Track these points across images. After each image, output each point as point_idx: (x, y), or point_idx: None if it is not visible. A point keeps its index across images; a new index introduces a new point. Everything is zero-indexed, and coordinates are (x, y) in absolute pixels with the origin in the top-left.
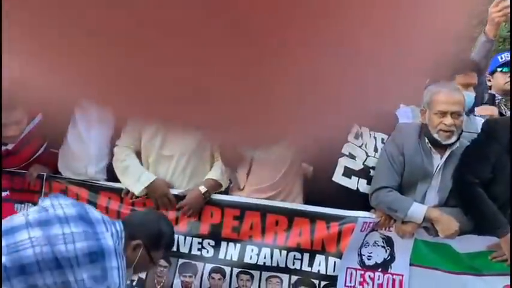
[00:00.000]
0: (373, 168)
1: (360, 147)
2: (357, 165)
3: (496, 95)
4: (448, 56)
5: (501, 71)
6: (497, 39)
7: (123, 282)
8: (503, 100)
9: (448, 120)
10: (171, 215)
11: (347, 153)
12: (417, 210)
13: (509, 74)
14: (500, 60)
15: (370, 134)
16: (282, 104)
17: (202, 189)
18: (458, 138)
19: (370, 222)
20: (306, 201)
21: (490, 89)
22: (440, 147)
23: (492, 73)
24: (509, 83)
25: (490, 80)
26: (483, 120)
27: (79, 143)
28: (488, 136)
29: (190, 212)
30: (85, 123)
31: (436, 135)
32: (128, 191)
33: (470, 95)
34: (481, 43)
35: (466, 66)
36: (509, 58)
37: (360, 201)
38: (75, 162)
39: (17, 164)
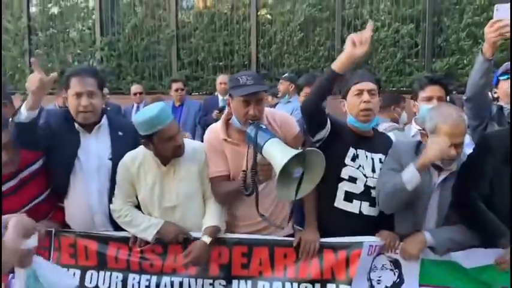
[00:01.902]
0: (374, 188)
1: (357, 169)
2: (359, 188)
3: (504, 106)
4: None
5: (503, 79)
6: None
7: None
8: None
9: (453, 151)
10: (180, 258)
11: (346, 177)
12: (409, 170)
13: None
14: (500, 70)
15: (367, 156)
16: None
17: (207, 239)
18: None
19: (376, 246)
20: None
21: (498, 100)
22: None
23: (496, 85)
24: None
25: (496, 92)
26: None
27: (81, 194)
28: (484, 151)
29: (200, 263)
30: (84, 175)
31: (438, 163)
32: (135, 240)
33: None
34: (479, 63)
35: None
36: (507, 66)
37: (364, 223)
38: (81, 214)
39: (17, 207)
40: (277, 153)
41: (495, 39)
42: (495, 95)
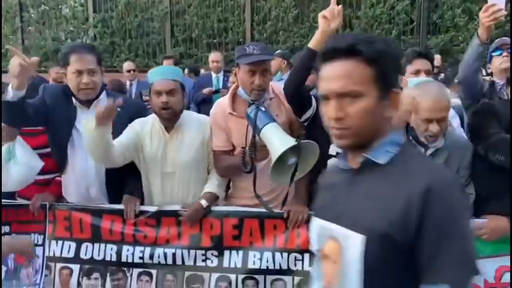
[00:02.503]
0: None
1: None
2: None
3: (496, 81)
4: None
5: (495, 55)
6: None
7: None
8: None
9: (435, 127)
10: (173, 230)
11: (335, 154)
12: None
13: (502, 55)
14: (493, 46)
15: None
16: None
17: (204, 203)
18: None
19: None
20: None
21: (492, 76)
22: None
23: (490, 60)
24: (504, 62)
25: (489, 68)
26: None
27: (79, 167)
28: (489, 114)
29: (191, 224)
30: (83, 149)
31: (423, 139)
32: (127, 212)
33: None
34: (474, 46)
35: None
36: (500, 42)
37: None
38: (78, 186)
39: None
40: (275, 140)
41: (490, 23)
42: (489, 71)
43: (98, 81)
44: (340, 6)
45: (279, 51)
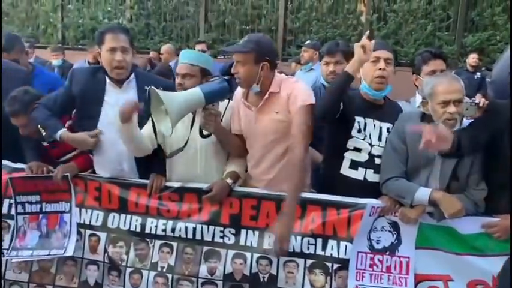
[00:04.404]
0: (378, 156)
1: (363, 139)
2: (363, 157)
3: None
4: None
5: None
6: None
7: None
8: None
9: (452, 108)
10: (195, 206)
11: (352, 148)
12: (422, 194)
13: None
14: None
15: (375, 125)
16: None
17: (230, 181)
18: (460, 124)
19: (377, 207)
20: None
21: None
22: None
23: None
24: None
25: None
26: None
27: (111, 143)
28: (491, 115)
29: (216, 200)
30: (112, 124)
31: (442, 124)
32: (151, 187)
33: None
34: None
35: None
36: None
37: (368, 189)
38: (109, 163)
39: (55, 156)
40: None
41: None
42: None
43: (130, 60)
44: (372, 41)
45: (308, 41)
